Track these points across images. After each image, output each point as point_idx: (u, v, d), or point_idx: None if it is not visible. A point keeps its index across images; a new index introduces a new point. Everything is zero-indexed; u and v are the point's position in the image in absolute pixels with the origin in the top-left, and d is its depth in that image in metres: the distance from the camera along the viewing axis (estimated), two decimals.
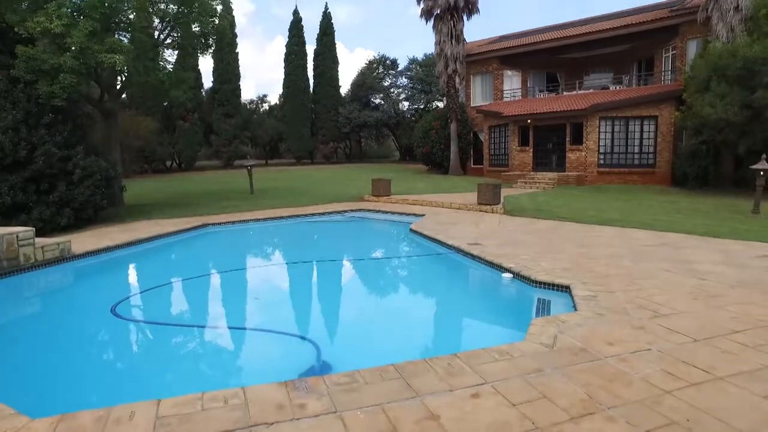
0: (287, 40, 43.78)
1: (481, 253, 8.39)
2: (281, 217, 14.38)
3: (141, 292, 8.11)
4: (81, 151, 12.68)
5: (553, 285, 6.43)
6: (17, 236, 8.08)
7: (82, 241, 10.32)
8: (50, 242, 8.83)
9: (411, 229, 11.64)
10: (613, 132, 21.44)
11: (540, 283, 6.59)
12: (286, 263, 10.65)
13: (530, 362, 3.87)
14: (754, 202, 12.94)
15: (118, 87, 17.37)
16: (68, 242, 9.12)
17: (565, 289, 6.22)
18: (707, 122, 16.71)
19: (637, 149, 21.39)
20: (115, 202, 15.41)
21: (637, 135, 21.32)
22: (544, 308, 6.03)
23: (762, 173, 12.68)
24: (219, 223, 13.34)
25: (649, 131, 21.16)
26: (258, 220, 14.04)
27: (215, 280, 9.00)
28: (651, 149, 21.17)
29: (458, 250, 9.03)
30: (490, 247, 8.89)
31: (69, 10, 12.42)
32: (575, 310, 5.37)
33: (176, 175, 36.54)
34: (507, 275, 7.24)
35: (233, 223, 13.58)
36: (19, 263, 8.13)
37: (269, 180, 26.25)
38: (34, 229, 8.60)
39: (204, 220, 13.48)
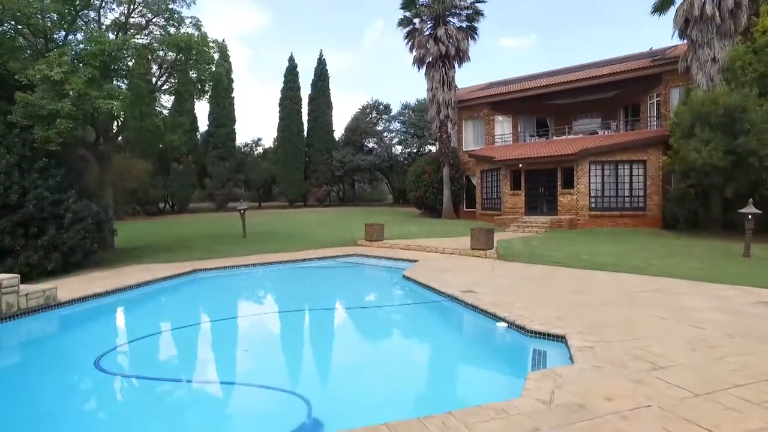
0: (282, 85, 44.85)
1: (475, 301, 8.29)
2: (273, 263, 14.23)
3: (125, 344, 7.87)
4: (73, 195, 12.63)
5: (549, 335, 6.32)
6: (0, 284, 7.89)
7: (68, 286, 10.11)
8: (35, 289, 8.63)
9: (404, 276, 11.53)
10: (603, 176, 21.78)
11: (535, 332, 6.47)
12: (277, 312, 10.45)
13: (527, 421, 3.74)
14: (745, 246, 13.02)
15: (114, 131, 17.56)
16: (54, 289, 8.91)
17: (561, 339, 6.11)
18: (694, 167, 17.04)
19: (627, 193, 21.69)
20: (105, 246, 15.23)
21: (627, 179, 21.67)
22: (540, 360, 5.89)
23: (750, 217, 12.83)
24: (210, 269, 13.16)
25: (638, 175, 21.52)
26: (250, 265, 13.89)
27: (203, 330, 8.78)
28: (641, 192, 21.47)
29: (452, 298, 8.91)
30: (484, 295, 8.79)
31: (69, 58, 12.68)
32: (572, 362, 5.25)
33: (169, 217, 36.45)
34: (502, 324, 7.13)
35: (224, 268, 13.40)
36: (1, 312, 7.90)
37: (262, 223, 26.19)
38: (18, 276, 8.41)
39: (195, 265, 13.31)
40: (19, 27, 13.44)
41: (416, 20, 28.74)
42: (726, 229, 18.59)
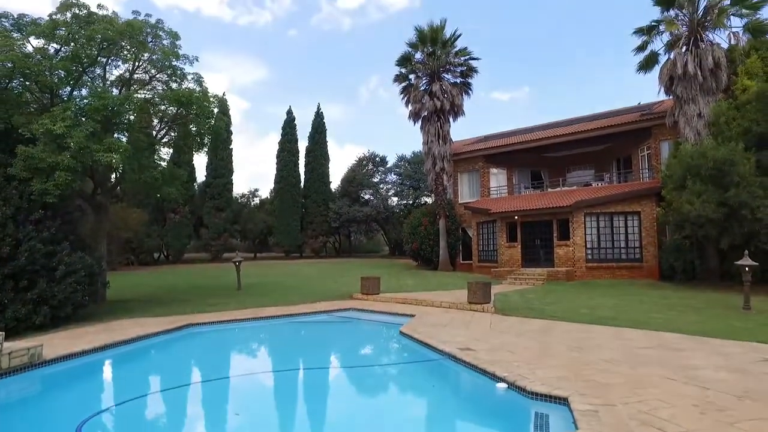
0: (280, 137, 45.69)
1: (473, 360, 8.06)
2: (268, 317, 13.94)
3: (112, 407, 7.52)
4: (67, 246, 12.53)
5: (551, 397, 6.10)
6: None
7: (55, 343, 9.81)
8: (20, 347, 8.35)
9: (401, 332, 11.27)
10: (598, 227, 21.89)
11: (536, 394, 6.25)
12: (271, 371, 10.09)
13: None
14: (744, 298, 12.90)
15: (111, 182, 17.68)
16: (39, 346, 8.63)
17: (563, 401, 5.90)
18: (688, 218, 17.16)
19: (623, 244, 21.73)
20: (96, 299, 14.95)
21: (622, 230, 21.77)
22: (542, 425, 5.66)
23: (747, 269, 12.79)
24: (204, 323, 12.87)
25: (633, 226, 21.64)
26: (244, 320, 13.60)
27: (194, 391, 8.44)
28: (637, 244, 21.51)
29: (450, 356, 8.67)
30: (483, 353, 8.57)
31: (73, 112, 12.94)
32: (576, 428, 5.03)
33: (164, 267, 36.07)
34: (501, 385, 6.89)
35: (218, 323, 13.11)
36: None
37: (258, 275, 25.92)
38: (3, 333, 8.15)
39: (188, 319, 13.02)
40: (27, 83, 13.81)
41: (412, 76, 29.74)
42: (723, 280, 18.51)
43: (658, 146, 23.18)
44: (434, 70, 28.65)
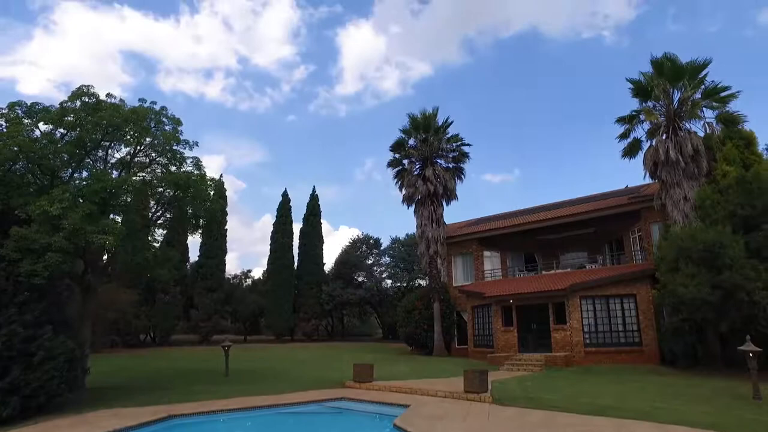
0: (275, 219, 46.11)
1: None
2: (256, 407, 13.15)
3: None
4: (49, 330, 12.03)
5: None
6: None
7: None
8: None
9: (395, 425, 10.60)
10: (595, 311, 21.59)
11: None
12: None
13: None
14: (753, 388, 12.41)
15: (103, 263, 17.48)
16: None
17: None
18: (683, 300, 16.99)
19: (621, 327, 21.32)
20: (75, 386, 14.15)
21: (619, 313, 21.46)
22: None
23: (752, 355, 12.45)
24: (187, 414, 12.08)
25: (630, 309, 21.36)
26: (230, 410, 12.81)
27: None
28: (635, 327, 21.11)
29: None
30: None
31: (71, 194, 13.09)
32: None
33: (150, 349, 34.68)
34: None
35: (203, 414, 12.33)
36: None
37: (247, 360, 24.91)
38: None
39: (170, 410, 12.26)
40: (30, 166, 14.10)
41: (405, 161, 30.78)
42: (728, 365, 17.96)
43: (648, 228, 23.54)
44: (427, 156, 29.70)
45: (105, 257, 17.44)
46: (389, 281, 47.71)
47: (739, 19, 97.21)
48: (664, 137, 21.39)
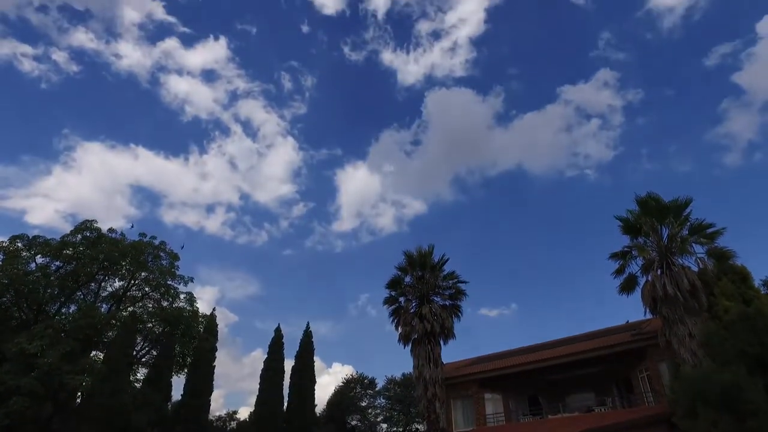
0: (266, 355, 43.82)
1: None
2: None
3: None
4: None
5: None
6: None
7: None
8: None
9: None
10: None
11: None
12: None
13: None
14: None
15: (76, 406, 16.13)
16: None
17: None
18: None
19: None
20: None
21: None
22: None
23: None
24: None
25: None
26: None
27: None
28: None
29: None
30: None
31: (53, 330, 12.59)
32: None
33: None
34: None
35: None
36: None
37: None
38: None
39: None
40: (17, 299, 13.79)
41: (401, 299, 30.19)
42: None
43: (656, 367, 22.43)
44: (424, 293, 29.30)
45: (78, 400, 16.19)
46: (384, 425, 44.14)
47: (706, 161, 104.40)
48: (659, 272, 21.44)
